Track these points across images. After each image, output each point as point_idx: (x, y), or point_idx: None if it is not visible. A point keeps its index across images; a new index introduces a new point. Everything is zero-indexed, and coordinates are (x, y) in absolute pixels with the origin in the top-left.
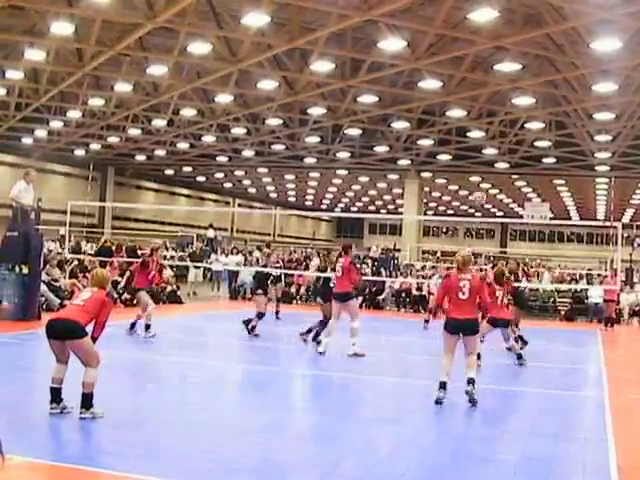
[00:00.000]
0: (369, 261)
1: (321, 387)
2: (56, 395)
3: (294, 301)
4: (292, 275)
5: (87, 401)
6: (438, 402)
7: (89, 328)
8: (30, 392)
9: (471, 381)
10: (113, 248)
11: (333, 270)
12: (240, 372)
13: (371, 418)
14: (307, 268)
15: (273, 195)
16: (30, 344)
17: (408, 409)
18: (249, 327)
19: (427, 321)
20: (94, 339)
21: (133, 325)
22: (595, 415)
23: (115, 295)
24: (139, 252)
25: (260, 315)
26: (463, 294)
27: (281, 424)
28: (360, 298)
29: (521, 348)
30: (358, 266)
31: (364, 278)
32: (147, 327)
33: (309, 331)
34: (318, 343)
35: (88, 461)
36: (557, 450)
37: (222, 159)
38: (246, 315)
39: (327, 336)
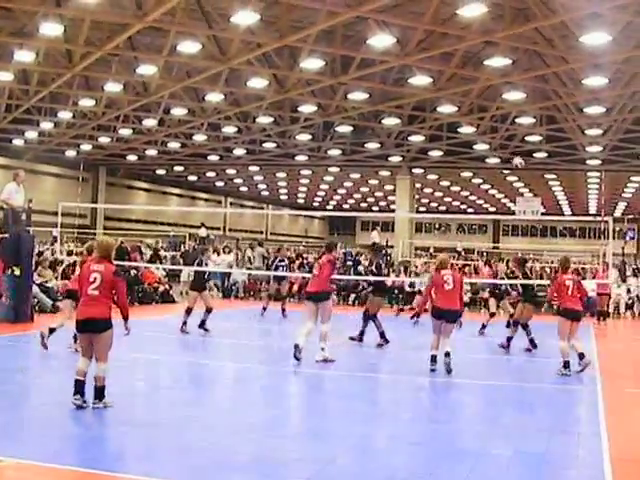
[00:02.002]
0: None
1: (315, 384)
2: (80, 387)
3: (288, 299)
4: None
5: (101, 393)
6: (432, 370)
7: None
8: (25, 393)
9: (447, 354)
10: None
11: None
12: (234, 370)
13: (365, 414)
14: (301, 266)
15: (265, 193)
16: (24, 346)
17: (401, 405)
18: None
19: (417, 316)
20: (125, 319)
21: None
22: (588, 409)
23: None
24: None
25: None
26: (448, 285)
27: (276, 421)
28: (352, 295)
29: (529, 349)
30: (337, 265)
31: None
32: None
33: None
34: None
35: (81, 462)
36: (550, 444)
37: (213, 158)
38: (240, 313)
39: (304, 336)
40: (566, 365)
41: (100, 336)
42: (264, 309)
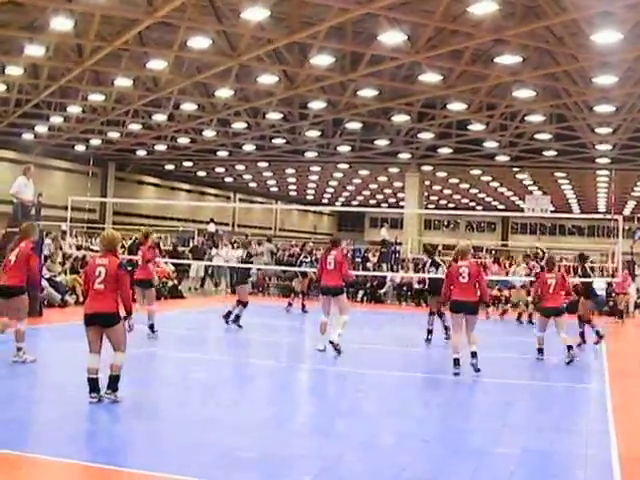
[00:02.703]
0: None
1: (322, 381)
2: (94, 385)
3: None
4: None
5: (114, 383)
6: (456, 374)
7: None
8: (33, 387)
9: (474, 354)
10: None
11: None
12: (242, 366)
13: (372, 412)
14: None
15: (274, 189)
16: (32, 340)
17: (409, 403)
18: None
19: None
20: (128, 313)
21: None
22: (597, 407)
23: None
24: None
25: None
26: (463, 278)
27: (282, 418)
28: (361, 292)
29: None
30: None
31: (365, 273)
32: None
33: None
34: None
35: (86, 457)
36: (558, 443)
37: (222, 154)
38: (248, 309)
39: (323, 334)
40: (540, 351)
41: (111, 330)
42: (290, 305)
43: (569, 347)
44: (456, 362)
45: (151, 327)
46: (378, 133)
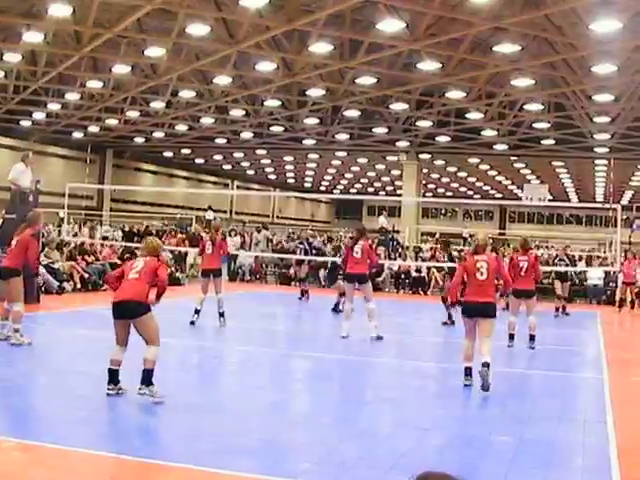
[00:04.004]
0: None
1: (322, 369)
2: (114, 377)
3: (292, 283)
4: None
5: (147, 378)
6: (467, 386)
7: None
8: (32, 374)
9: (486, 364)
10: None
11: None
12: (241, 354)
13: (371, 400)
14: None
15: (272, 177)
16: (30, 326)
17: (408, 391)
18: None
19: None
20: (159, 295)
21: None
22: (595, 397)
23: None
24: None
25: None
26: (481, 274)
27: (282, 406)
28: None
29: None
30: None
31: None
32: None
33: None
34: None
35: (84, 444)
36: (557, 432)
37: (221, 141)
38: (244, 297)
39: (347, 319)
40: (511, 337)
41: (139, 321)
42: (302, 293)
43: (531, 336)
44: (467, 372)
45: (222, 314)
46: (376, 121)
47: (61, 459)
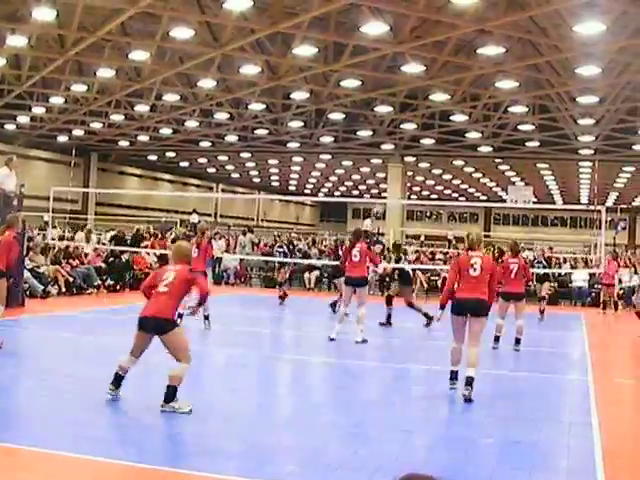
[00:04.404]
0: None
1: (307, 372)
2: (118, 380)
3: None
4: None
5: (169, 394)
6: (452, 389)
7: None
8: (16, 377)
9: (469, 381)
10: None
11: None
12: (225, 357)
13: (357, 402)
14: (293, 252)
15: (256, 180)
16: (14, 330)
17: (393, 393)
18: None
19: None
20: (199, 304)
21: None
22: (580, 399)
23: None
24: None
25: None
26: (474, 270)
27: (267, 408)
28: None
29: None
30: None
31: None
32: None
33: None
34: None
35: (68, 447)
36: (541, 434)
37: (205, 144)
38: (229, 300)
39: (340, 322)
40: (496, 339)
41: (167, 337)
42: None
43: (517, 340)
44: (453, 375)
45: (207, 317)
46: (361, 124)
47: (45, 463)
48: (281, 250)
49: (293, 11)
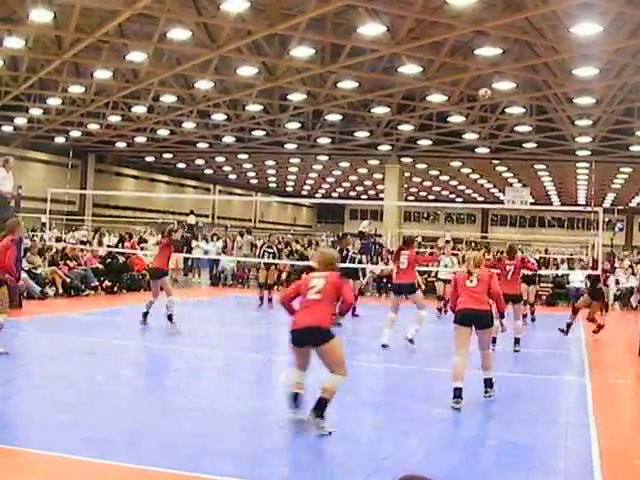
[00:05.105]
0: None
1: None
2: (296, 401)
3: (276, 287)
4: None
5: (320, 407)
6: (455, 409)
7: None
8: (13, 379)
9: (488, 383)
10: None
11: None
12: (221, 359)
13: (352, 403)
14: (290, 254)
15: (254, 181)
16: (11, 332)
17: (389, 394)
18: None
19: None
20: (342, 313)
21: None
22: (576, 399)
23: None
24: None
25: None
26: (471, 282)
27: (262, 410)
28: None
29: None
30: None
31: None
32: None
33: None
34: None
35: (71, 450)
36: (539, 435)
37: (202, 145)
38: (227, 301)
39: (389, 328)
40: (493, 340)
41: (324, 348)
42: (261, 299)
43: (518, 339)
44: (457, 394)
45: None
46: (358, 125)
47: (43, 464)
48: (270, 251)
49: (290, 12)
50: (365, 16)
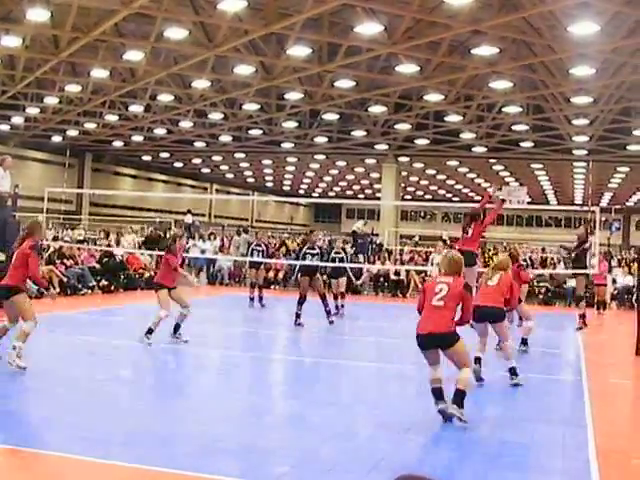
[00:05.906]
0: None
1: (300, 372)
2: (439, 394)
3: (272, 286)
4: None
5: (460, 399)
6: (479, 379)
7: None
8: (11, 378)
9: (513, 371)
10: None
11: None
12: (219, 358)
13: (351, 403)
14: (288, 252)
15: (251, 180)
16: (8, 331)
17: (388, 392)
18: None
19: None
20: (462, 323)
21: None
22: (574, 399)
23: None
24: None
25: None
26: (492, 281)
27: (260, 409)
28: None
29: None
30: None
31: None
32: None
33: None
34: None
35: (70, 449)
36: (536, 434)
37: (199, 145)
38: (224, 300)
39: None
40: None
41: (450, 351)
42: (251, 299)
43: (525, 339)
44: (476, 360)
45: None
46: (355, 124)
47: (43, 464)
48: (259, 249)
49: (287, 12)
50: (362, 15)
